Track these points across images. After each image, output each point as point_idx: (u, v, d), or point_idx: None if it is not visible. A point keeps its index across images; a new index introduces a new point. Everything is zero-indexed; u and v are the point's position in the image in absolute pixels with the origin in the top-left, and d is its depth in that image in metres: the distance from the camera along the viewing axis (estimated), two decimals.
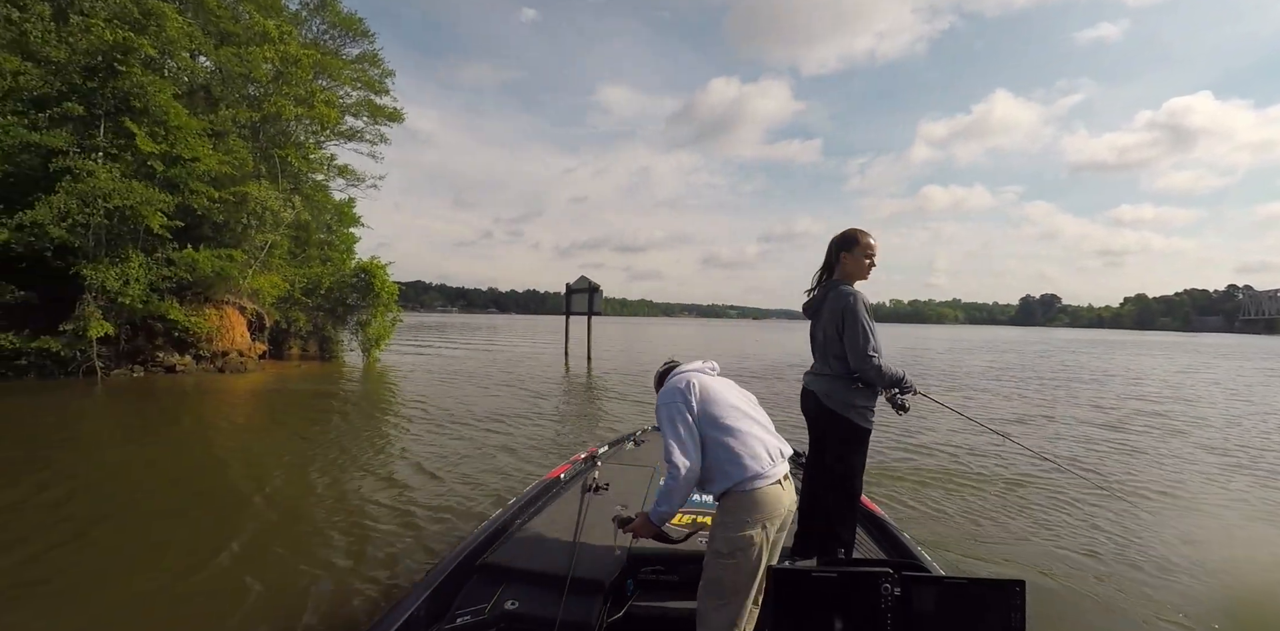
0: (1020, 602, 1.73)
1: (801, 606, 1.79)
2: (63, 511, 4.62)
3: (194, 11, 15.32)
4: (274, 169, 16.29)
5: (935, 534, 4.47)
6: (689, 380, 2.16)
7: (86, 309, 11.54)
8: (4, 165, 11.42)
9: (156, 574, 3.58)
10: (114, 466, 6.01)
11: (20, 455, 6.26)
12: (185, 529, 4.35)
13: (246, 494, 5.11)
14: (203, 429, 8.13)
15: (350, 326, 17.97)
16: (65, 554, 3.83)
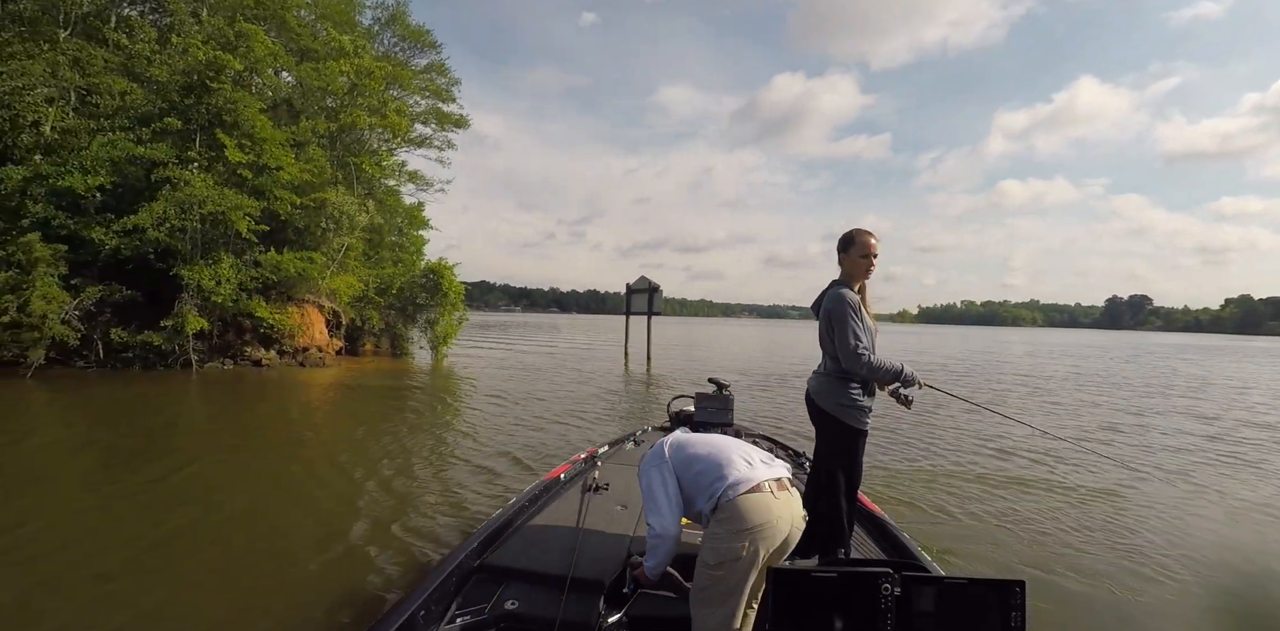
0: (1020, 602, 1.72)
1: (801, 606, 1.79)
2: (163, 488, 5.17)
3: (277, 30, 16.45)
4: (350, 176, 17.29)
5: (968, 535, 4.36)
6: (664, 442, 2.23)
7: (184, 307, 12.62)
8: (113, 176, 12.61)
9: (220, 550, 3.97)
10: (201, 451, 6.60)
11: (137, 439, 7.01)
12: (247, 510, 4.77)
13: (309, 478, 5.56)
14: (284, 418, 8.78)
15: (419, 324, 18.77)
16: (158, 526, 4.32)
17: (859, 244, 2.73)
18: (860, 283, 2.80)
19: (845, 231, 2.80)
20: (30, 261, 11.35)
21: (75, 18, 14.56)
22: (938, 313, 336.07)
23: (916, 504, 5.09)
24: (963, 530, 4.54)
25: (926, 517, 4.79)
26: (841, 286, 2.74)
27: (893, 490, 5.48)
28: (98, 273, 12.45)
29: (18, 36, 13.75)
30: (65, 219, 12.05)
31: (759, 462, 2.08)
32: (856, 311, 2.62)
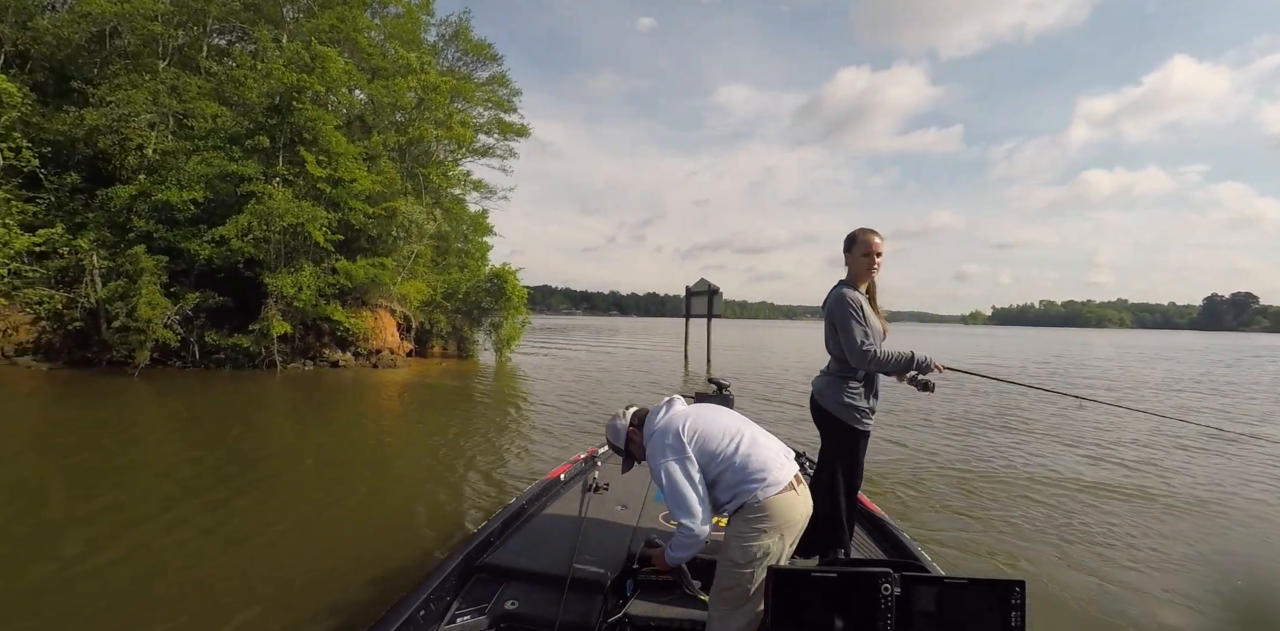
0: (1020, 602, 1.73)
1: (801, 606, 1.81)
2: (241, 476, 5.60)
3: (350, 51, 17.40)
4: (418, 186, 18.08)
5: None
6: (678, 425, 2.09)
7: (269, 311, 13.49)
8: (207, 192, 13.65)
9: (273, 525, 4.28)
10: (286, 440, 7.07)
11: (227, 432, 7.58)
12: (316, 491, 5.11)
13: (376, 470, 5.89)
14: (358, 415, 9.26)
15: (484, 328, 19.33)
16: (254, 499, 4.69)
17: (861, 243, 2.73)
18: (867, 282, 2.81)
19: (852, 231, 2.81)
20: (137, 271, 12.42)
21: (172, 49, 15.89)
22: (1013, 314, 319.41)
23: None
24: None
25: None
26: (845, 286, 2.75)
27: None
28: (194, 281, 13.50)
29: (124, 69, 15.13)
30: (165, 232, 13.13)
31: (784, 458, 2.09)
32: (859, 310, 2.63)
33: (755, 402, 10.83)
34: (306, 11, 17.67)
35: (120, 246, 12.93)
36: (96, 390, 10.29)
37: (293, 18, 17.79)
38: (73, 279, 12.94)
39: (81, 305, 12.68)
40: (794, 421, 8.93)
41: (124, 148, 14.01)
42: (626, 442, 2.29)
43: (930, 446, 7.40)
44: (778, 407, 10.54)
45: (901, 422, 8.94)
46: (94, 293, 12.61)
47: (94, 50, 15.64)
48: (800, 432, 7.86)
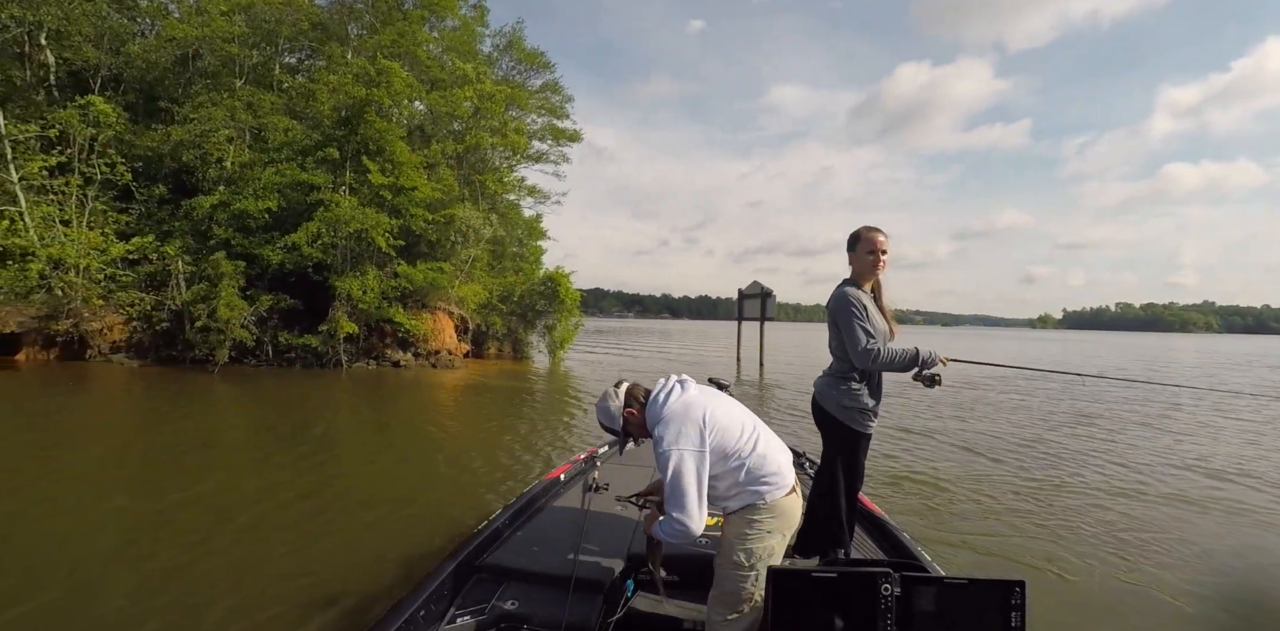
0: (1020, 602, 1.73)
1: (801, 606, 1.79)
2: (306, 464, 5.88)
3: (409, 64, 18.08)
4: (475, 192, 18.59)
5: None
6: (699, 415, 1.96)
7: (336, 313, 14.10)
8: (280, 201, 14.40)
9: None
10: (348, 435, 7.36)
11: (297, 424, 8.01)
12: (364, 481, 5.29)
13: (430, 463, 6.06)
14: (417, 412, 9.56)
15: (538, 329, 19.65)
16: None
17: (866, 240, 2.67)
18: (871, 281, 2.75)
19: (854, 229, 2.76)
20: (217, 275, 13.21)
21: (247, 68, 16.88)
22: (1086, 317, 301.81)
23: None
24: None
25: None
26: (848, 285, 2.70)
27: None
28: (268, 284, 14.25)
29: (204, 88, 16.14)
30: (242, 239, 13.92)
31: (789, 460, 2.10)
32: (861, 309, 2.57)
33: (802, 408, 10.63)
34: (369, 28, 18.49)
35: (202, 253, 13.80)
36: (181, 386, 10.96)
37: (357, 35, 18.65)
38: (160, 283, 13.90)
39: (168, 307, 13.60)
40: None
41: (205, 161, 14.95)
42: (624, 423, 2.14)
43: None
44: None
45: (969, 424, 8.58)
46: (179, 295, 13.51)
47: (178, 72, 16.77)
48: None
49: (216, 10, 15.81)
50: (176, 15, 17.20)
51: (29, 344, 13.37)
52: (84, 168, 13.89)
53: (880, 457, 6.53)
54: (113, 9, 16.11)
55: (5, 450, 6.27)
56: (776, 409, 10.69)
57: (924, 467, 6.29)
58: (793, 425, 8.78)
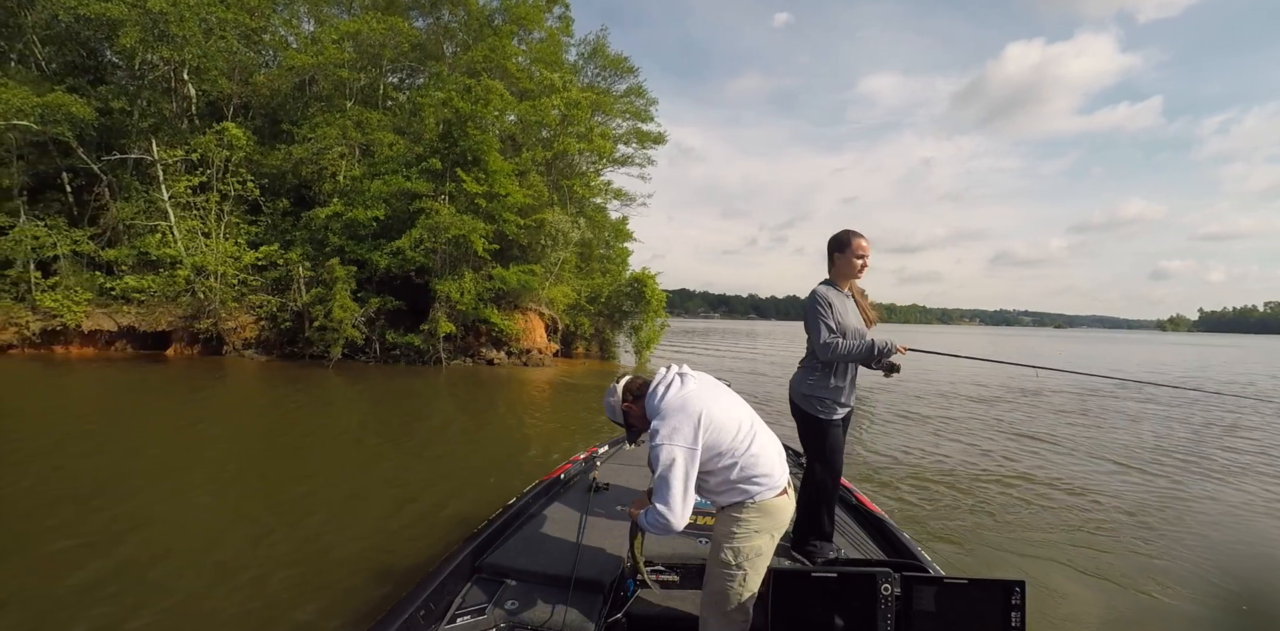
0: (1020, 602, 1.73)
1: (801, 606, 1.81)
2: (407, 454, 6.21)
3: (501, 77, 18.92)
4: (563, 197, 19.15)
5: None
6: (695, 411, 1.93)
7: (437, 314, 14.90)
8: (386, 210, 15.42)
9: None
10: (444, 425, 7.74)
11: (402, 416, 8.61)
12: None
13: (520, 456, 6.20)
14: (511, 408, 9.92)
15: (625, 330, 19.89)
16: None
17: (854, 245, 2.79)
18: (850, 283, 2.90)
19: (838, 232, 2.87)
20: (332, 279, 14.30)
21: (356, 90, 18.23)
22: (1228, 319, 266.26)
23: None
24: None
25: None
26: (823, 285, 2.85)
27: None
28: (376, 287, 15.28)
29: (319, 110, 17.57)
30: (353, 246, 15.01)
31: (783, 460, 2.08)
32: (828, 307, 2.74)
33: (900, 418, 10.13)
34: (463, 46, 19.54)
35: (319, 259, 14.99)
36: (301, 378, 11.99)
37: (451, 53, 19.76)
38: (284, 287, 15.26)
39: (290, 308, 14.92)
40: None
41: (321, 176, 16.27)
42: (626, 416, 2.19)
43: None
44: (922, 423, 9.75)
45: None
46: (300, 298, 14.76)
47: (297, 97, 18.35)
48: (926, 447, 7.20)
49: (328, 39, 17.20)
50: (295, 46, 18.87)
51: (177, 340, 15.24)
52: (220, 186, 15.49)
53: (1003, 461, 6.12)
54: (241, 44, 17.88)
55: (167, 423, 7.67)
56: (868, 408, 10.28)
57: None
58: (891, 432, 8.39)
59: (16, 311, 14.32)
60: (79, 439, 6.47)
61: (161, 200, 14.91)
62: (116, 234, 15.56)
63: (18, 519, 4.17)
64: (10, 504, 4.46)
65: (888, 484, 5.63)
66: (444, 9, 19.55)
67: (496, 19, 19.59)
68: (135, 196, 15.35)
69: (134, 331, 15.10)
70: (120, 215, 15.17)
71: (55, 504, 4.45)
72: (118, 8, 13.77)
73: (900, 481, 5.74)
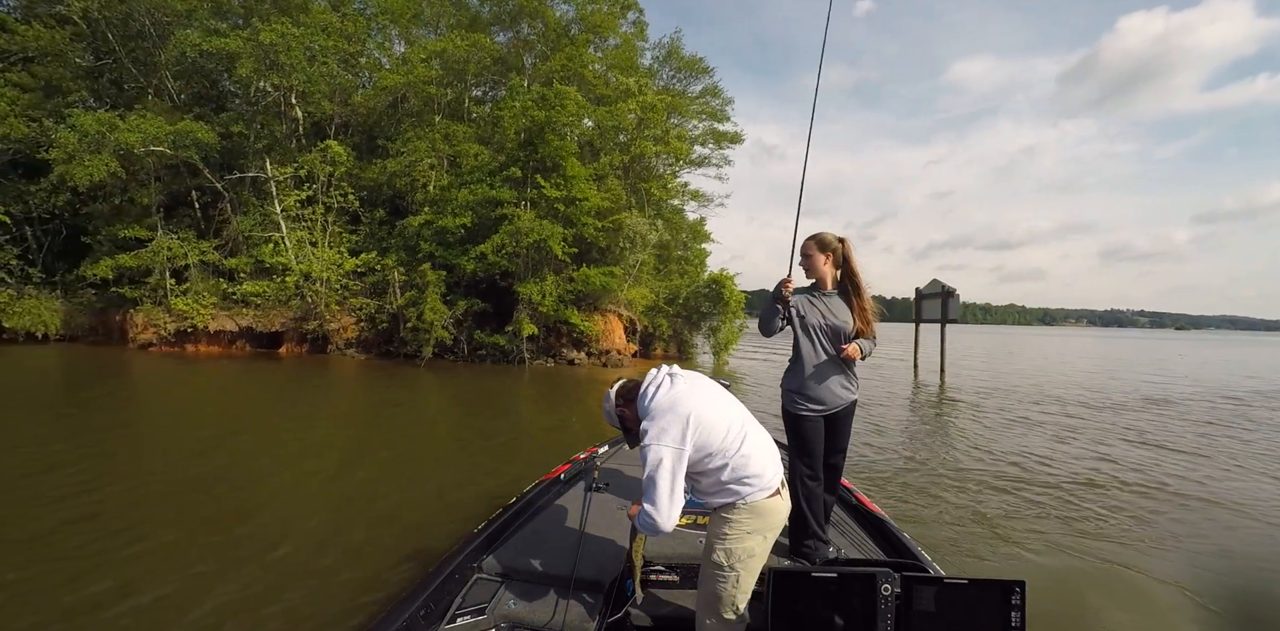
0: (1020, 602, 1.73)
1: (801, 606, 1.81)
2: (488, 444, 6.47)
3: (577, 84, 19.41)
4: (641, 200, 19.37)
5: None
6: (684, 412, 1.92)
7: (519, 315, 15.41)
8: (472, 217, 16.12)
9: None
10: (523, 422, 7.98)
11: (488, 411, 9.03)
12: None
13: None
14: (591, 406, 10.10)
15: (703, 331, 19.82)
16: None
17: (838, 250, 2.91)
18: (826, 281, 2.94)
19: (820, 233, 2.94)
20: (424, 284, 15.10)
21: (443, 105, 19.20)
22: None
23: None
24: None
25: None
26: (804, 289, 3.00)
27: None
28: (463, 290, 15.99)
29: (410, 125, 18.61)
30: (442, 252, 15.78)
31: (776, 461, 2.05)
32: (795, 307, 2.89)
33: (1001, 430, 9.39)
34: (541, 57, 20.21)
35: (412, 264, 15.87)
36: (396, 375, 12.74)
37: (531, 64, 20.46)
38: (381, 291, 16.27)
39: (387, 310, 15.88)
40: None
41: (413, 187, 17.23)
42: (622, 420, 2.18)
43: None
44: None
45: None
46: (395, 301, 15.68)
47: (390, 114, 19.54)
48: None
49: (417, 58, 18.23)
50: (387, 66, 20.12)
51: (288, 340, 16.72)
52: (325, 199, 16.72)
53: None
54: (341, 68, 19.26)
55: (282, 411, 8.65)
56: (955, 420, 9.68)
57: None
58: (989, 438, 7.93)
59: (155, 314, 16.26)
60: (211, 425, 7.31)
61: (274, 213, 16.27)
62: (236, 244, 17.14)
63: (173, 495, 4.73)
64: (167, 482, 5.07)
65: (1005, 490, 5.37)
66: (523, 22, 20.33)
67: (573, 29, 20.14)
68: (252, 210, 16.85)
69: (252, 331, 16.69)
70: (239, 228, 16.70)
71: (198, 482, 5.05)
72: (235, 42, 15.18)
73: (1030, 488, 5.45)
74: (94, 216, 17.76)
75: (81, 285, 18.36)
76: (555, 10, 20.21)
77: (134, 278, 16.97)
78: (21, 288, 18.63)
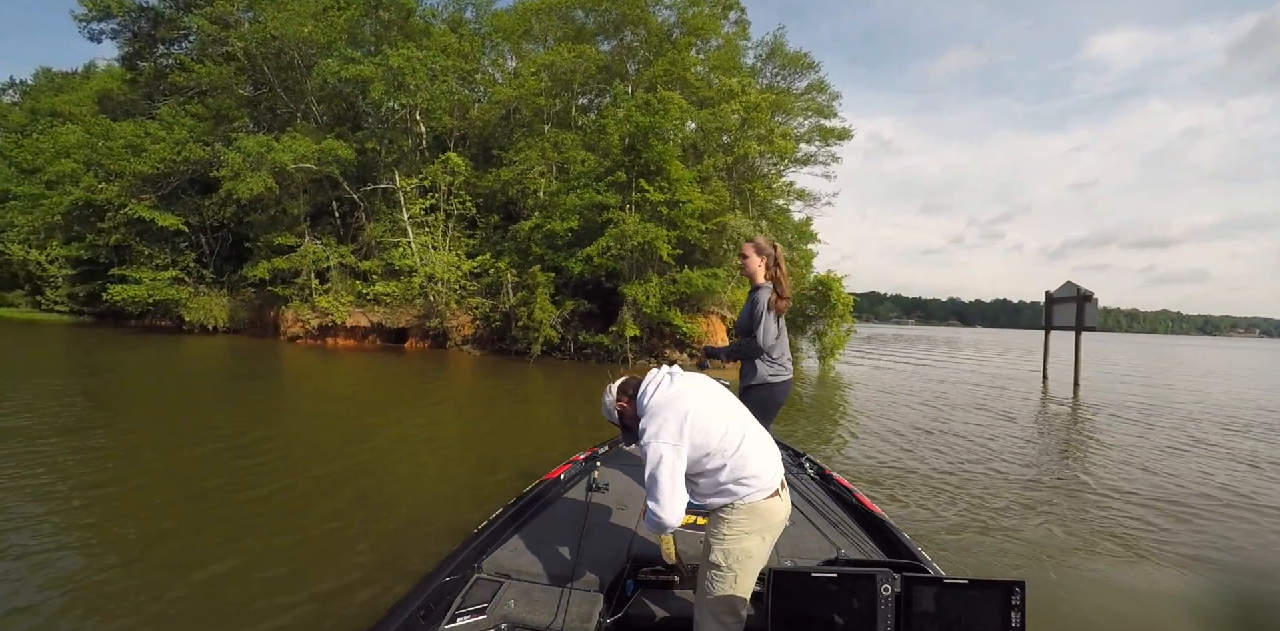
0: (1020, 603, 1.72)
1: (801, 606, 1.79)
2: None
3: (680, 87, 19.59)
4: (745, 201, 19.24)
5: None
6: (682, 410, 1.95)
7: (624, 316, 15.76)
8: (580, 221, 16.68)
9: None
10: None
11: (590, 409, 9.28)
12: None
13: None
14: None
15: (808, 335, 19.31)
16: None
17: (773, 254, 3.40)
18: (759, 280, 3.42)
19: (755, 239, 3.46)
20: (534, 284, 15.83)
21: (551, 114, 20.03)
22: None
23: None
24: None
25: None
26: (762, 290, 3.37)
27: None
28: (570, 291, 16.61)
29: (522, 135, 19.57)
30: (551, 254, 16.46)
31: (776, 462, 2.04)
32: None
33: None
34: (645, 62, 20.59)
35: (523, 266, 16.69)
36: (507, 371, 13.55)
37: (634, 70, 20.90)
38: (495, 291, 17.30)
39: (500, 309, 16.83)
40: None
41: (524, 193, 18.10)
42: (620, 416, 2.21)
43: None
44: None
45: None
46: (507, 301, 16.57)
47: (503, 125, 20.68)
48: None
49: (527, 72, 19.17)
50: (500, 81, 21.31)
51: (412, 335, 18.30)
52: (446, 206, 18.00)
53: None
54: (459, 85, 20.61)
55: (408, 398, 9.51)
56: (1098, 432, 8.78)
57: None
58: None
59: (303, 311, 18.39)
60: (346, 403, 8.22)
61: (402, 220, 17.68)
62: (370, 249, 18.85)
63: (317, 460, 5.48)
64: (313, 449, 5.86)
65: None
66: (626, 31, 20.81)
67: (675, 33, 20.37)
68: (383, 218, 18.45)
69: (381, 327, 18.40)
70: (372, 234, 18.34)
71: (337, 450, 5.68)
72: (368, 68, 16.71)
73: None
74: (254, 225, 20.14)
75: (243, 285, 21.06)
76: (657, 16, 20.55)
77: (285, 278, 19.24)
78: (198, 286, 21.69)
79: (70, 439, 5.84)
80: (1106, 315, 38.48)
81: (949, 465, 6.28)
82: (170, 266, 21.26)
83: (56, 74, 36.45)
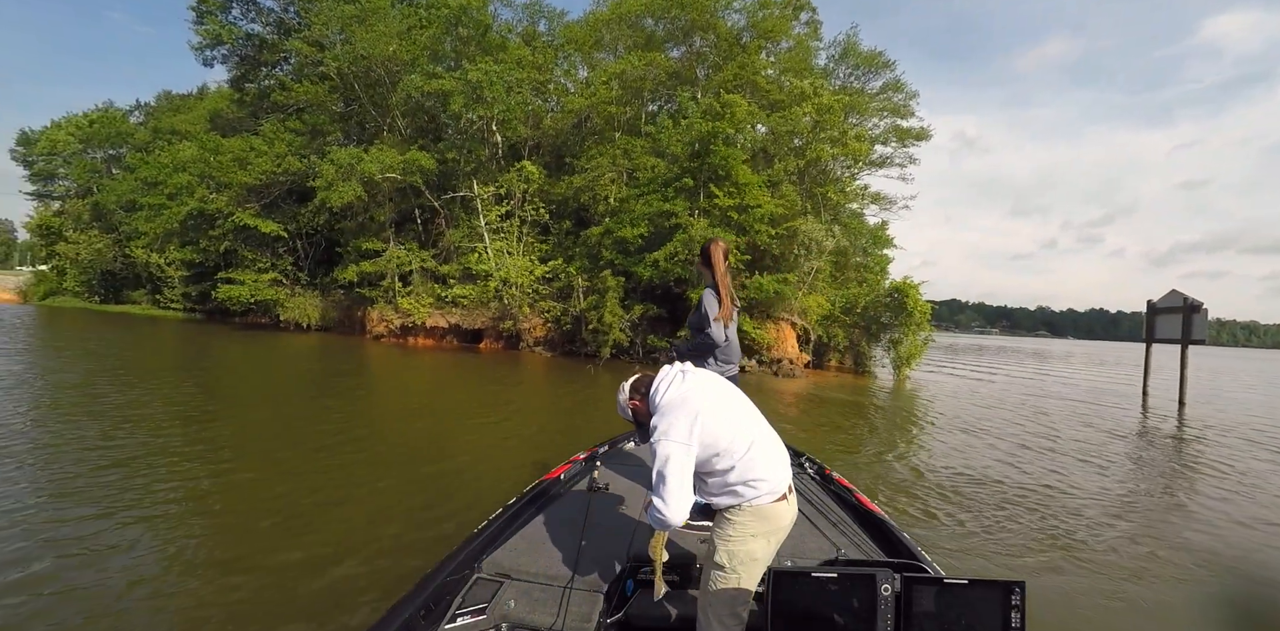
0: (1020, 602, 1.72)
1: (801, 606, 1.80)
2: None
3: (750, 92, 19.50)
4: (816, 205, 18.89)
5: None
6: (693, 409, 1.96)
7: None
8: (649, 227, 16.85)
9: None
10: None
11: None
12: None
13: None
14: (766, 414, 10.14)
15: (882, 343, 18.68)
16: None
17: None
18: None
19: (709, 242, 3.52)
20: (604, 289, 16.12)
21: (622, 122, 20.35)
22: None
23: None
24: None
25: None
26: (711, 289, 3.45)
27: None
28: (640, 296, 16.80)
29: (593, 143, 19.99)
30: (621, 259, 16.70)
31: (784, 466, 2.04)
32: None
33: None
34: (714, 67, 20.62)
35: (594, 271, 17.04)
36: (576, 373, 13.82)
37: (704, 75, 20.96)
38: (566, 295, 17.79)
39: (571, 313, 17.24)
40: None
41: (595, 199, 18.48)
42: (634, 414, 2.22)
43: None
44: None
45: None
46: (578, 304, 16.97)
47: (575, 134, 21.17)
48: None
49: (599, 81, 19.58)
50: (572, 91, 21.85)
51: (487, 336, 19.10)
52: (520, 213, 18.61)
53: None
54: (533, 96, 21.28)
55: (486, 395, 10.18)
56: (1204, 456, 8.04)
57: None
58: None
59: (387, 311, 19.62)
60: (427, 398, 8.80)
61: (479, 226, 18.41)
62: (449, 253, 19.78)
63: (399, 446, 5.88)
64: (395, 436, 6.28)
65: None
66: (695, 36, 20.92)
67: (745, 37, 20.30)
68: (461, 224, 19.29)
69: (459, 328, 19.33)
70: (451, 239, 19.22)
71: (418, 439, 6.04)
72: (449, 82, 17.57)
73: None
74: (344, 231, 21.54)
75: (334, 286, 22.55)
76: (726, 20, 20.56)
77: (371, 281, 20.48)
78: (294, 287, 23.49)
79: (204, 430, 6.56)
80: (1220, 327, 34.37)
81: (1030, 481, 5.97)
82: (270, 269, 23.19)
83: (175, 96, 40.17)
